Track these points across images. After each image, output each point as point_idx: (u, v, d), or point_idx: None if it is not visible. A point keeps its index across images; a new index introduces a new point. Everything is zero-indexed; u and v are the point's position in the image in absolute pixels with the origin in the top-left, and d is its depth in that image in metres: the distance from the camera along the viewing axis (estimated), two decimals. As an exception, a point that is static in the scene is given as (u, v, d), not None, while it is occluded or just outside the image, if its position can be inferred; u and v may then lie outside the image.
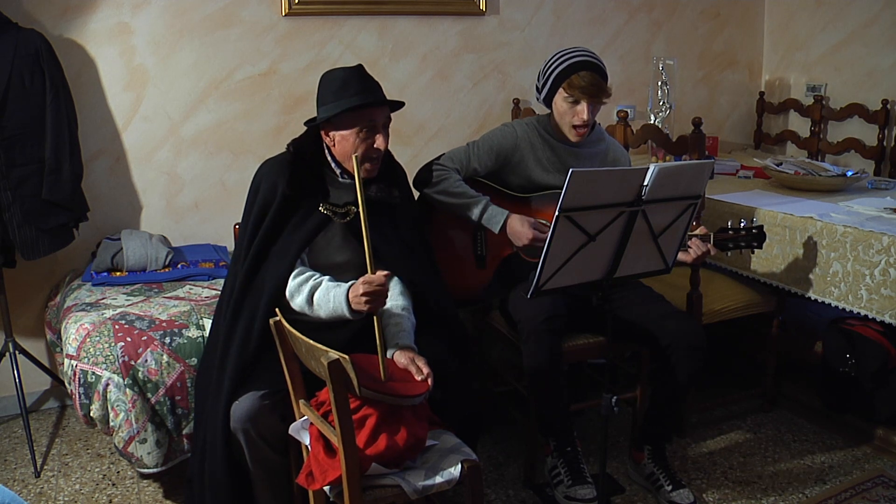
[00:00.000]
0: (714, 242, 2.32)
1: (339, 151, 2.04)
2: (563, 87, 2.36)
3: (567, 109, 2.39)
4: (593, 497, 2.31)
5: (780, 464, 2.64)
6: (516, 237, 2.38)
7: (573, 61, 2.34)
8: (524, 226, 2.36)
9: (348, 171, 2.07)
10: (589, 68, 2.33)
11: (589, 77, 2.32)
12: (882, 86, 3.51)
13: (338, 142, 2.02)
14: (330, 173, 2.10)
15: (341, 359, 1.62)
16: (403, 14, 3.33)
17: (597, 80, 2.33)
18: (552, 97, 2.42)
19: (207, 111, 3.12)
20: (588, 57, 2.36)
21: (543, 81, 2.43)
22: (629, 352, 2.75)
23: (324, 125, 2.03)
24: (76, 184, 2.72)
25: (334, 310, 1.93)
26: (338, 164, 2.08)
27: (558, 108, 2.42)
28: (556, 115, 2.44)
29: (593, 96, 2.34)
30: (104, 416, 2.27)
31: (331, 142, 2.05)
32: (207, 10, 3.05)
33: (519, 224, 2.37)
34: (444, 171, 2.43)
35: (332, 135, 2.03)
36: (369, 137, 2.00)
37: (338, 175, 2.10)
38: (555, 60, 2.39)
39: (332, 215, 2.07)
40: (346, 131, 2.00)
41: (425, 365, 1.87)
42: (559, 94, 2.38)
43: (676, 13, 3.87)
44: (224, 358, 2.00)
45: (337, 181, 2.10)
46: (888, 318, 2.31)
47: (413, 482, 1.75)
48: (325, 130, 2.05)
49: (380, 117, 2.02)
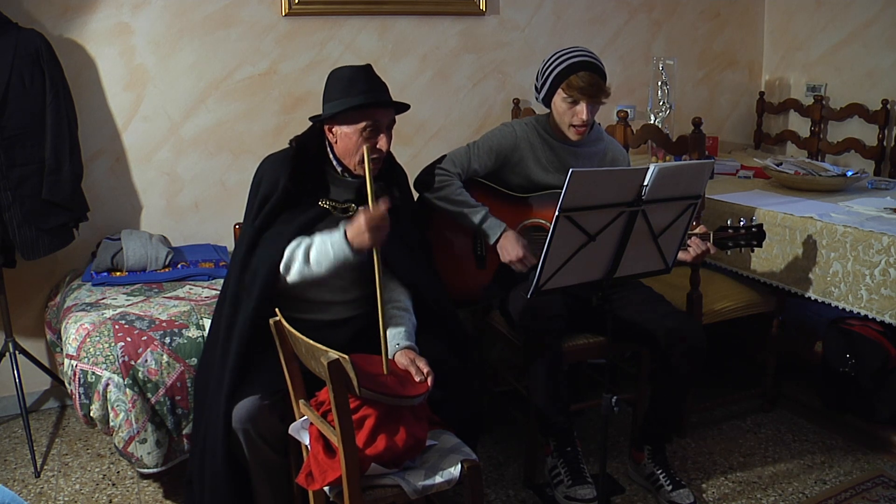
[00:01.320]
0: (714, 241, 2.32)
1: (340, 148, 2.05)
2: (562, 88, 2.36)
3: (566, 109, 2.39)
4: (593, 497, 2.31)
5: (780, 464, 2.64)
6: (504, 252, 2.39)
7: (572, 61, 2.34)
8: (515, 245, 2.37)
9: (349, 169, 2.08)
10: (588, 68, 2.33)
11: (588, 77, 2.32)
12: (882, 86, 3.51)
13: (340, 138, 2.03)
14: (331, 170, 2.10)
15: (341, 359, 1.62)
16: (403, 14, 3.33)
17: (596, 80, 2.33)
18: (551, 97, 2.42)
19: (207, 111, 3.12)
20: (587, 57, 2.36)
21: (542, 81, 2.43)
22: (629, 352, 2.75)
23: (328, 121, 2.03)
24: (76, 184, 2.72)
25: (336, 257, 1.93)
26: (339, 161, 2.08)
27: (557, 108, 2.42)
28: (556, 115, 2.44)
29: (592, 96, 2.34)
30: (104, 416, 2.27)
31: (333, 138, 2.05)
32: (207, 10, 3.05)
33: (511, 242, 2.38)
34: (447, 177, 2.43)
35: (335, 131, 2.03)
36: (372, 137, 2.00)
37: (339, 172, 2.10)
38: (553, 61, 2.39)
39: (332, 210, 2.07)
40: (349, 129, 2.00)
41: (426, 365, 1.87)
42: (558, 94, 2.38)
43: (676, 13, 3.87)
44: (225, 349, 2.00)
45: (338, 178, 2.10)
46: (888, 318, 2.31)
47: (413, 482, 1.75)
48: (328, 126, 2.05)
49: (384, 118, 2.02)
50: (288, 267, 1.98)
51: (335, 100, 2.00)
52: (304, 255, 1.97)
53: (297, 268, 1.97)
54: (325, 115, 2.02)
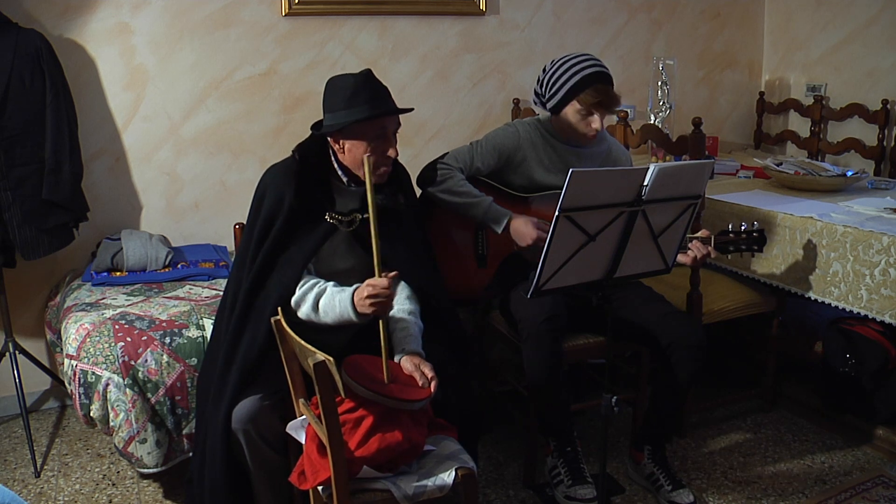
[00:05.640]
0: (714, 245, 2.32)
1: (348, 159, 2.02)
2: (576, 100, 2.35)
3: (579, 120, 2.39)
4: (593, 497, 2.31)
5: (780, 464, 2.64)
6: (520, 237, 2.38)
7: (585, 74, 2.33)
8: (528, 226, 2.36)
9: (355, 179, 2.06)
10: (602, 80, 2.33)
11: (603, 89, 2.33)
12: (882, 86, 3.51)
13: (347, 150, 2.00)
14: (336, 181, 2.08)
15: (327, 360, 1.61)
16: (403, 14, 3.33)
17: (609, 91, 2.34)
18: (562, 108, 2.40)
19: (207, 111, 3.12)
20: (598, 67, 2.34)
21: (552, 92, 2.40)
22: (629, 352, 2.74)
23: (333, 133, 2.01)
24: (76, 184, 2.72)
25: (340, 315, 1.93)
26: (345, 171, 2.06)
27: (569, 118, 2.41)
28: (565, 124, 2.43)
29: (608, 108, 2.36)
30: (104, 416, 2.27)
31: (340, 149, 2.02)
32: (207, 10, 3.05)
33: (522, 224, 2.37)
34: (449, 170, 2.43)
35: (341, 143, 2.00)
36: (381, 146, 1.99)
37: (344, 183, 2.08)
38: (564, 72, 2.36)
39: (337, 224, 2.06)
40: (356, 140, 1.97)
41: (430, 371, 1.87)
42: (571, 105, 2.37)
43: (676, 13, 3.87)
44: (227, 365, 1.99)
45: (343, 189, 2.08)
46: (888, 318, 2.31)
47: (404, 487, 1.73)
48: (333, 138, 2.02)
49: (391, 125, 2.01)
50: (298, 304, 1.99)
51: (339, 110, 1.96)
52: (315, 301, 1.97)
53: (304, 310, 1.98)
54: (332, 128, 1.98)
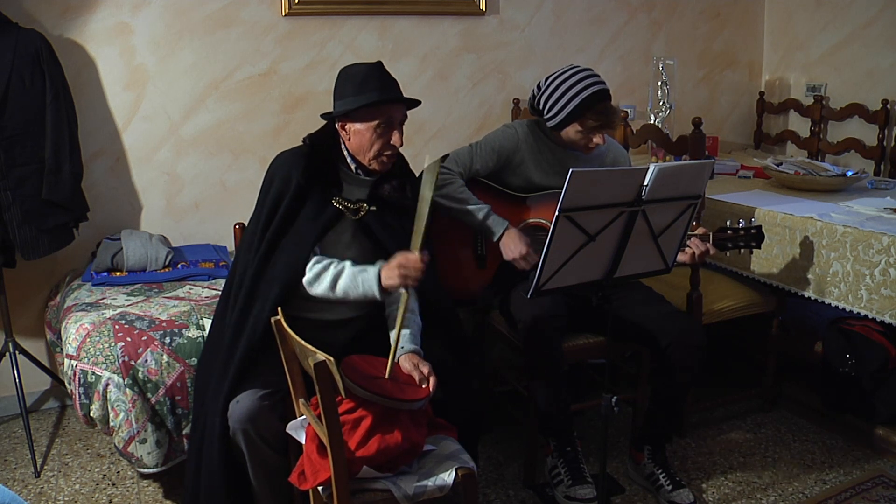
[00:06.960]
0: (713, 242, 2.32)
1: (354, 145, 2.05)
2: (577, 123, 2.36)
3: (581, 138, 2.40)
4: (593, 497, 2.31)
5: (780, 464, 2.64)
6: (507, 250, 2.39)
7: (585, 96, 2.31)
8: (517, 242, 2.37)
9: (363, 167, 2.08)
10: (602, 99, 2.33)
11: (603, 111, 2.33)
12: (882, 86, 3.51)
13: (353, 135, 2.03)
14: (344, 168, 2.11)
15: (327, 360, 1.61)
16: (403, 14, 3.33)
17: (610, 110, 2.35)
18: (562, 128, 2.40)
19: (207, 111, 3.12)
20: (596, 86, 2.33)
21: (551, 113, 2.39)
22: (629, 352, 2.75)
23: (341, 118, 2.04)
24: (76, 184, 2.72)
25: (364, 293, 1.96)
26: (353, 158, 2.09)
27: (570, 136, 2.41)
28: (567, 138, 2.43)
29: (610, 126, 2.38)
30: (104, 416, 2.27)
31: (346, 135, 2.05)
32: (207, 10, 3.05)
33: (513, 239, 2.38)
34: (449, 175, 2.44)
35: (348, 128, 2.04)
36: (385, 133, 2.02)
37: (352, 170, 2.10)
38: (563, 94, 2.35)
39: (344, 210, 2.07)
40: (362, 125, 2.01)
41: (429, 370, 1.87)
42: (572, 127, 2.38)
43: (676, 13, 3.87)
44: (233, 347, 1.99)
45: (351, 176, 2.10)
46: (888, 318, 2.31)
47: (404, 487, 1.73)
48: (341, 123, 2.05)
49: (397, 114, 2.04)
50: (311, 284, 2.00)
51: (348, 97, 2.00)
52: (332, 281, 1.98)
53: (320, 290, 1.99)
54: (339, 112, 2.02)
